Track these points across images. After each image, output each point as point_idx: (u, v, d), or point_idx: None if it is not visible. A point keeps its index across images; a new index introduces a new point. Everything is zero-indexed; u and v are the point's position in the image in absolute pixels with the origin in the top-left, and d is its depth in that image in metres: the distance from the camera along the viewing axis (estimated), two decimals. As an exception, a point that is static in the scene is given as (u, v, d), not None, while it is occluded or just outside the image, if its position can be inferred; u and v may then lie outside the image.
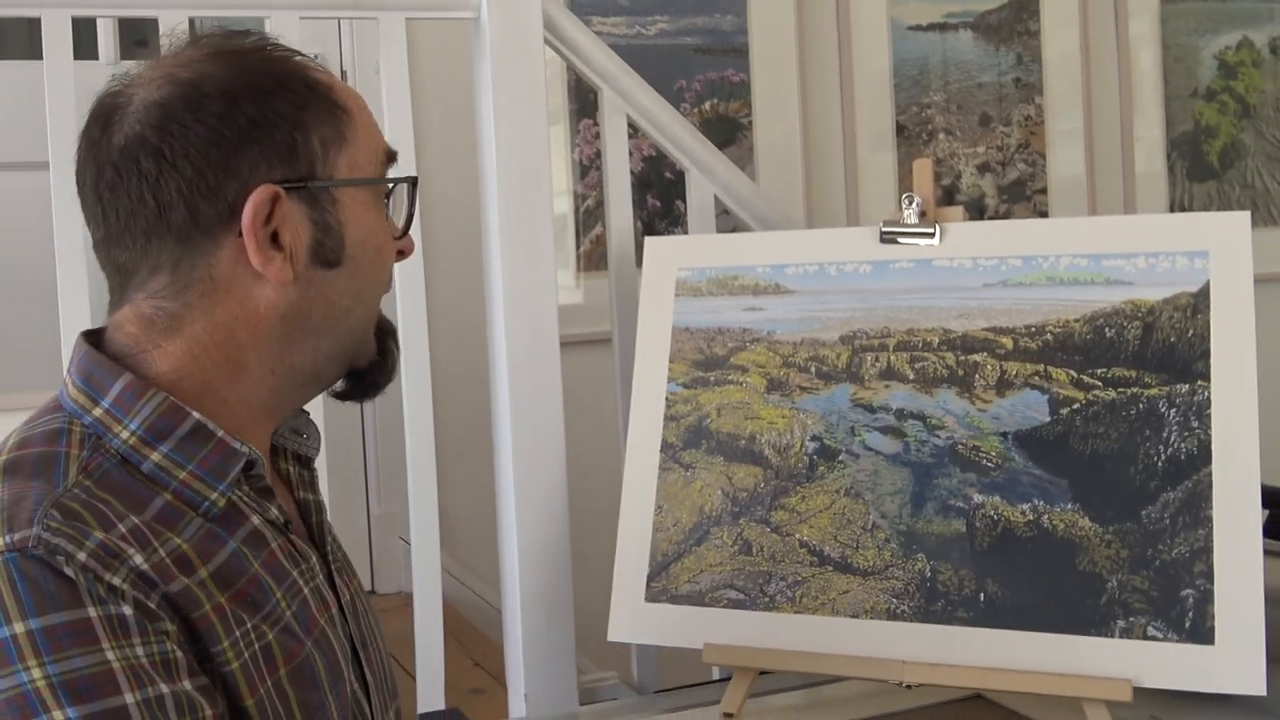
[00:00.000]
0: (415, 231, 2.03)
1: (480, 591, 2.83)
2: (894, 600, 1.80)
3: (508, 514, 2.11)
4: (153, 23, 1.97)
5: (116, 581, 0.97)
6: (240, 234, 1.08)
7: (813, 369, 1.95)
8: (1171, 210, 3.95)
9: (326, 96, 1.14)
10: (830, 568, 1.85)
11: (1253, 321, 1.72)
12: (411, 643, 2.06)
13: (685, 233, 2.38)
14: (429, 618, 2.07)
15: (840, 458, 1.90)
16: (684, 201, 2.35)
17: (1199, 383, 1.72)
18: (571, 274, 3.29)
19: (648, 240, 2.12)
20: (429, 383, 2.10)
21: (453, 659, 2.13)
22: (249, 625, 1.05)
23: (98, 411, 1.09)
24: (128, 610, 0.96)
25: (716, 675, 2.08)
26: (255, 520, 1.12)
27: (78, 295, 1.92)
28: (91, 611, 0.96)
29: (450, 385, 2.49)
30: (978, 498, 1.80)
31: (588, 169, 3.32)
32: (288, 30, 2.03)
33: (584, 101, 3.27)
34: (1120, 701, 1.64)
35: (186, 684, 0.97)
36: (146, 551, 1.00)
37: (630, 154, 2.27)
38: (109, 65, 2.85)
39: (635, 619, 1.93)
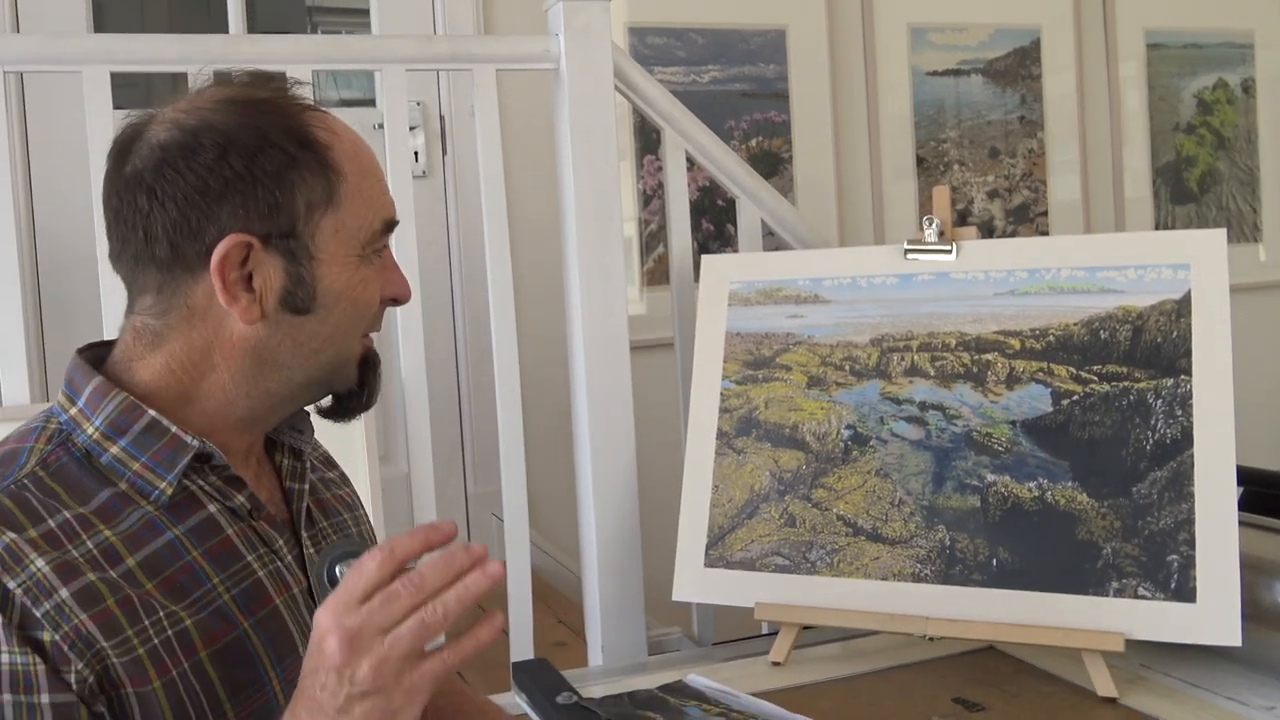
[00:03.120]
0: (506, 252, 2.08)
1: (562, 560, 2.84)
2: (918, 565, 1.81)
3: (586, 494, 2.12)
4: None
5: (12, 585, 0.93)
6: None
7: (847, 367, 1.96)
8: (1156, 230, 3.92)
9: (322, 157, 1.07)
10: (863, 537, 1.85)
11: (1228, 324, 1.72)
12: (505, 603, 2.06)
13: (736, 251, 2.39)
14: (519, 582, 2.07)
15: (871, 443, 1.90)
16: (734, 225, 2.36)
17: (1182, 377, 1.72)
18: (637, 289, 3.31)
19: (704, 258, 2.13)
20: (518, 382, 2.10)
21: (539, 617, 2.14)
22: (162, 614, 0.99)
23: (73, 410, 1.06)
24: None
25: (765, 630, 2.08)
26: (213, 508, 1.07)
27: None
28: None
29: (536, 384, 2.51)
30: (990, 477, 1.80)
31: (650, 198, 3.34)
32: (395, 80, 2.05)
33: (646, 140, 3.30)
34: (1114, 652, 1.64)
35: (43, 698, 0.92)
36: (59, 551, 0.96)
37: (688, 184, 2.27)
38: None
39: (695, 582, 1.94)
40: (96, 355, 1.12)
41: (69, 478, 1.03)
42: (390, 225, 1.14)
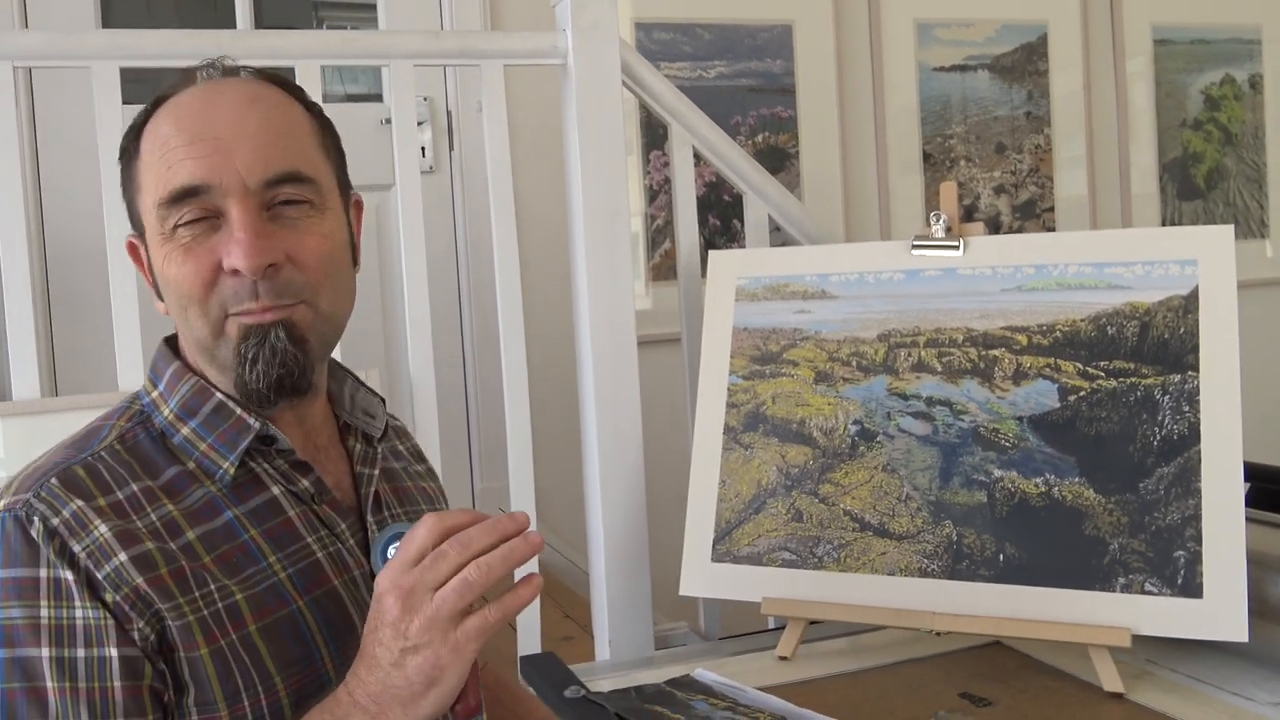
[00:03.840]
0: (513, 248, 2.08)
1: (569, 555, 2.85)
2: (925, 560, 1.81)
3: (593, 489, 2.12)
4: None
5: (77, 549, 0.98)
6: None
7: (854, 363, 1.96)
8: (1163, 226, 3.92)
9: (137, 142, 1.11)
10: (870, 533, 1.85)
11: (1236, 320, 1.71)
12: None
13: (743, 247, 2.39)
14: (527, 576, 2.07)
15: (878, 439, 1.90)
16: (741, 220, 2.36)
17: (1189, 373, 1.72)
18: (643, 284, 3.31)
19: (711, 254, 2.13)
20: (526, 377, 2.10)
21: (546, 612, 2.14)
22: (214, 587, 1.03)
23: (154, 394, 1.13)
24: (70, 576, 0.97)
25: (772, 625, 2.08)
26: (276, 490, 1.11)
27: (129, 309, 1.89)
28: (42, 572, 0.98)
29: (544, 379, 2.51)
30: (997, 472, 1.80)
31: (656, 193, 3.34)
32: (402, 76, 2.05)
33: (653, 135, 3.30)
34: (1121, 647, 1.64)
35: (112, 650, 0.97)
36: (124, 520, 1.01)
37: (695, 180, 2.27)
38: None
39: (703, 576, 1.94)
40: (178, 344, 1.18)
41: (142, 453, 1.08)
42: (176, 196, 1.07)
